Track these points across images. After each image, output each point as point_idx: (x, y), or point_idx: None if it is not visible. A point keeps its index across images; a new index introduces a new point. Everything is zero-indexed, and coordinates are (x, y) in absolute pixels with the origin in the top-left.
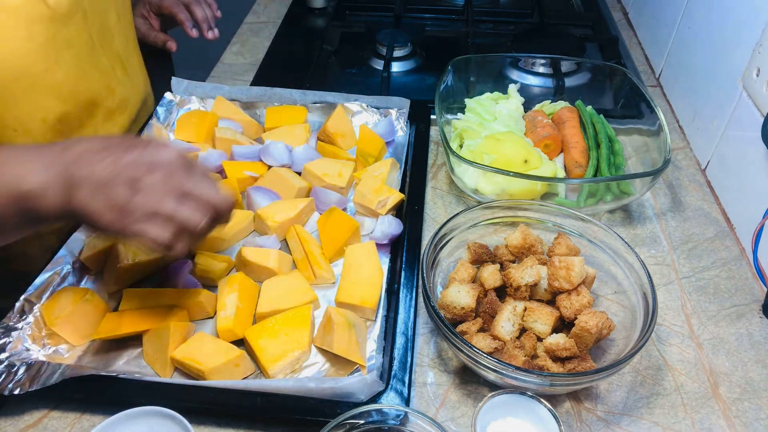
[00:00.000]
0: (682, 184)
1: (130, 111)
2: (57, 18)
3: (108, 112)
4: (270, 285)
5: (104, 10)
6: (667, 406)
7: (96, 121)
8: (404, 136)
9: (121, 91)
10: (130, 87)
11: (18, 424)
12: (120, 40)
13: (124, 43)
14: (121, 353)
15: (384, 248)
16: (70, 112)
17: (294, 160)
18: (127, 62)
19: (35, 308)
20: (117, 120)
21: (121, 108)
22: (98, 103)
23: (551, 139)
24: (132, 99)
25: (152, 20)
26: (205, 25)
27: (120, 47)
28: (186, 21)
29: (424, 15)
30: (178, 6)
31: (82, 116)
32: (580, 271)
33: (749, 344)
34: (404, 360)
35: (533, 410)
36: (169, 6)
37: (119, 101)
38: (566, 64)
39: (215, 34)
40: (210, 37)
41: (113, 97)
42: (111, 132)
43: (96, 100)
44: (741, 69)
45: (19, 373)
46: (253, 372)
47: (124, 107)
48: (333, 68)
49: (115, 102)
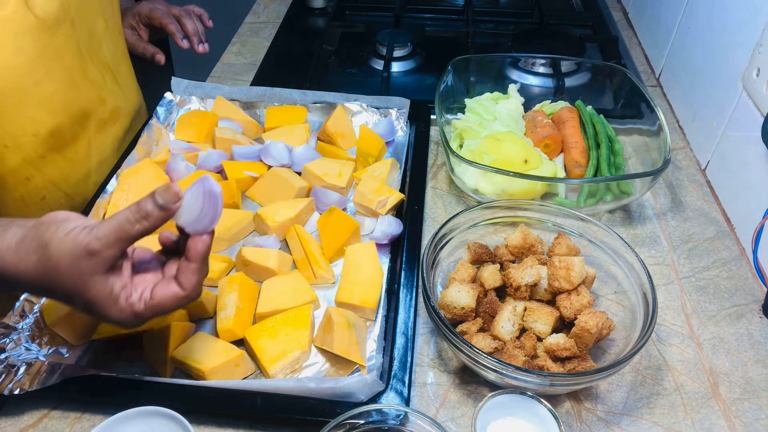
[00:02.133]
0: (682, 184)
1: (123, 121)
2: (45, 28)
3: (100, 123)
4: (270, 285)
5: (92, 17)
6: (667, 406)
7: (89, 133)
8: (404, 136)
9: (113, 101)
10: (121, 96)
11: (18, 424)
12: (109, 49)
13: (113, 52)
14: (121, 353)
15: (384, 248)
16: (63, 124)
17: (294, 160)
18: (116, 71)
19: (35, 308)
20: (110, 131)
21: (114, 118)
22: (90, 114)
23: (551, 139)
24: (124, 109)
25: (141, 31)
26: (196, 39)
27: (109, 56)
28: (177, 32)
29: (424, 15)
30: (168, 17)
31: (74, 129)
32: (580, 271)
33: (749, 344)
34: (404, 360)
35: (533, 410)
36: (159, 17)
37: (111, 111)
38: (566, 64)
39: (205, 48)
40: (200, 50)
41: (105, 108)
42: (105, 143)
43: (88, 112)
44: (741, 69)
45: (19, 373)
46: (253, 372)
47: (116, 117)
48: (333, 68)
49: (107, 112)
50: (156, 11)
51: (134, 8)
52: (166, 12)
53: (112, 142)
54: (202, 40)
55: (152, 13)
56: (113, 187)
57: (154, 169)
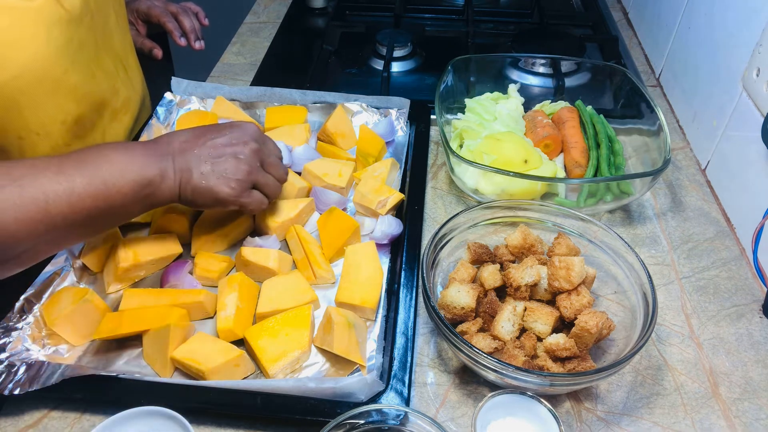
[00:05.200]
0: (682, 184)
1: (132, 110)
2: (72, 20)
3: (114, 112)
4: (270, 285)
5: (106, 11)
6: (667, 406)
7: (104, 122)
8: (404, 136)
9: (125, 91)
10: (130, 87)
11: (18, 424)
12: (119, 41)
13: (122, 43)
14: (121, 353)
15: (384, 248)
16: (84, 113)
17: (294, 160)
18: (126, 62)
19: (35, 308)
20: (122, 120)
21: (125, 108)
22: (106, 103)
23: (551, 139)
24: (133, 98)
25: (139, 26)
26: (193, 36)
27: (119, 47)
28: (174, 30)
29: (424, 15)
30: (166, 15)
31: (93, 117)
32: (580, 271)
33: (749, 344)
34: (404, 360)
35: (533, 410)
36: (157, 15)
37: (123, 101)
38: (566, 64)
39: (201, 45)
40: (197, 47)
41: (118, 97)
42: (117, 132)
43: (104, 101)
44: (741, 69)
45: (19, 373)
46: (253, 372)
47: (127, 107)
48: (333, 68)
49: (119, 102)
50: (154, 8)
51: (132, 4)
52: (164, 9)
53: (124, 131)
54: (199, 37)
55: (150, 10)
56: None
57: None
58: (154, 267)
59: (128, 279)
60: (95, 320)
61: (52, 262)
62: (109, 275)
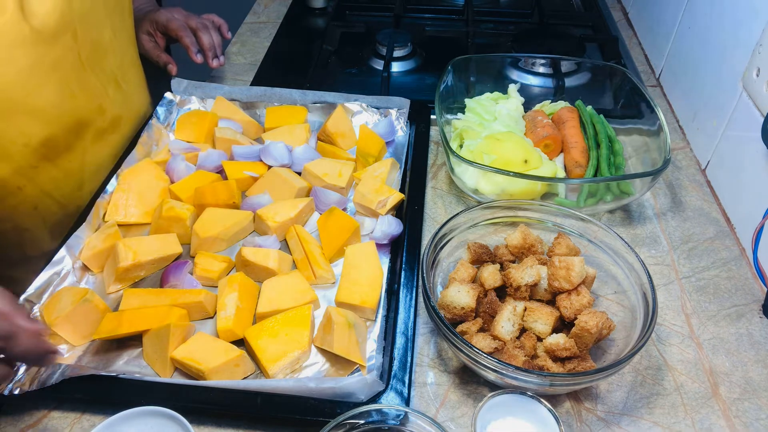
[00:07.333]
0: (682, 184)
1: (123, 130)
2: (42, 40)
3: (98, 132)
4: (270, 285)
5: (98, 28)
6: (667, 406)
7: (84, 143)
8: (404, 136)
9: (114, 110)
10: (123, 105)
11: (18, 424)
12: (114, 58)
13: (119, 61)
14: (121, 353)
15: (384, 248)
16: (56, 134)
17: (294, 160)
18: (122, 80)
19: (35, 308)
20: (109, 140)
21: (113, 127)
22: (87, 123)
23: (551, 139)
24: (126, 117)
25: (158, 38)
26: (211, 53)
27: (114, 65)
28: (191, 46)
29: (424, 15)
30: (184, 30)
31: (69, 138)
32: (580, 271)
33: (749, 344)
34: (404, 360)
35: (533, 410)
36: (176, 29)
37: (111, 120)
38: (566, 64)
39: (220, 62)
40: (215, 65)
41: (104, 117)
42: (101, 153)
43: (84, 121)
44: (741, 69)
45: (19, 373)
46: (253, 372)
47: (116, 126)
48: (333, 68)
49: (106, 121)
50: (173, 21)
51: (152, 15)
52: (183, 24)
53: (110, 151)
54: (218, 54)
55: (169, 23)
56: (113, 187)
57: (154, 169)
58: (154, 267)
59: (128, 279)
60: (95, 320)
61: (52, 262)
62: (109, 275)
